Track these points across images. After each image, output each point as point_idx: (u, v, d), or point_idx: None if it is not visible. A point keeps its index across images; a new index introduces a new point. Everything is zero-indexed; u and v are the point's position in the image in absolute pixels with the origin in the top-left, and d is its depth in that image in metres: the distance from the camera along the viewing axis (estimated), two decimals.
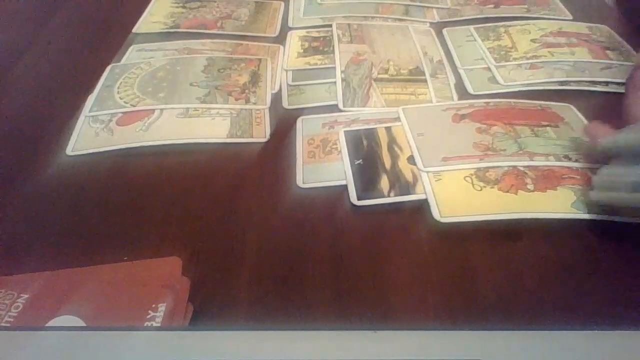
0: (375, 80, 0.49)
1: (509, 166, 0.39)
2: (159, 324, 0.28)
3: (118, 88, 0.48)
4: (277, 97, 0.48)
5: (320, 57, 0.53)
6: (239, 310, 0.30)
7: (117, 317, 0.29)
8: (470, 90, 0.49)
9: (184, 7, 0.63)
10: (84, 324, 0.28)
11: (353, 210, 0.37)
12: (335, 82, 0.49)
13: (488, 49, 0.54)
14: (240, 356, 0.25)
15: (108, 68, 0.51)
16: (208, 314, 0.30)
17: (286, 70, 0.51)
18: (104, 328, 0.28)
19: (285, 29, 0.59)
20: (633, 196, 0.32)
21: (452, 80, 0.50)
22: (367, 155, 0.41)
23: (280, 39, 0.57)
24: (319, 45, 0.55)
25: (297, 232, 0.35)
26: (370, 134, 0.43)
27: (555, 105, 0.46)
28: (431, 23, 0.60)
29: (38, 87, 0.50)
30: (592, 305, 0.31)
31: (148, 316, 0.29)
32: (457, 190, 0.37)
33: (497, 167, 0.39)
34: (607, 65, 0.51)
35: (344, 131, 0.43)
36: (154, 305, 0.29)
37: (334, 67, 0.51)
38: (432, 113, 0.45)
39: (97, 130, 0.44)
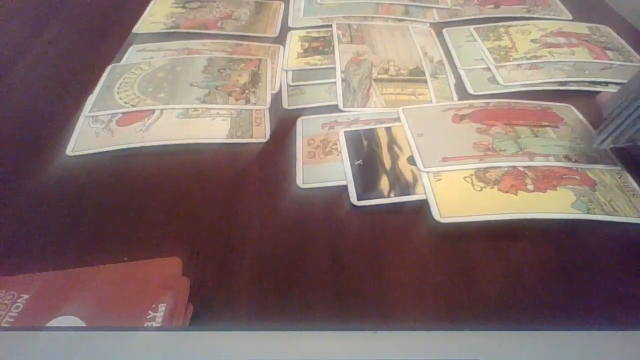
0: (375, 80, 0.49)
1: (509, 166, 0.39)
2: (159, 324, 0.28)
3: (118, 88, 0.48)
4: (277, 98, 0.48)
5: (320, 57, 0.53)
6: (239, 310, 0.30)
7: (117, 317, 0.29)
8: (470, 90, 0.49)
9: (184, 7, 0.63)
10: (84, 324, 0.28)
11: (353, 210, 0.37)
12: (335, 83, 0.49)
13: (488, 49, 0.54)
14: (240, 356, 0.25)
15: (108, 68, 0.51)
16: (208, 314, 0.30)
17: (286, 71, 0.51)
18: (104, 328, 0.28)
19: (285, 29, 0.59)
20: None
21: (452, 80, 0.50)
22: (367, 155, 0.41)
23: (280, 39, 0.57)
24: (319, 45, 0.55)
25: (297, 232, 0.35)
26: (370, 134, 0.43)
27: (555, 106, 0.46)
28: (431, 23, 0.60)
29: (38, 87, 0.50)
30: (592, 305, 0.31)
31: (148, 316, 0.29)
32: (457, 190, 0.37)
33: (497, 167, 0.39)
34: (607, 65, 0.51)
35: (344, 131, 0.43)
36: (154, 305, 0.29)
37: (334, 68, 0.51)
38: (432, 113, 0.45)
39: (97, 130, 0.44)
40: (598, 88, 0.49)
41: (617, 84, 0.49)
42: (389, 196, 0.37)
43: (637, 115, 0.36)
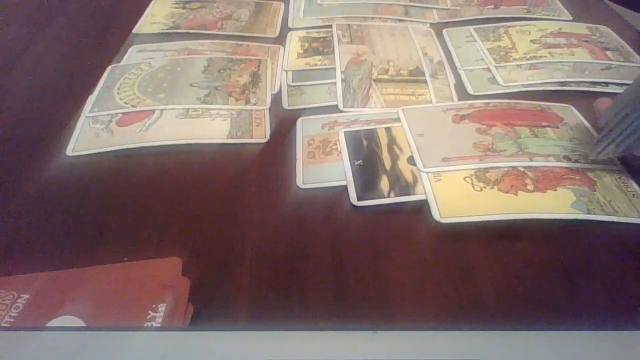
0: (375, 80, 0.49)
1: (509, 167, 0.39)
2: (159, 324, 0.28)
3: (118, 89, 0.48)
4: (277, 98, 0.48)
5: (320, 57, 0.53)
6: (239, 310, 0.30)
7: (117, 317, 0.29)
8: (470, 90, 0.49)
9: (184, 7, 0.63)
10: (84, 324, 0.28)
11: (353, 210, 0.37)
12: (335, 83, 0.49)
13: (488, 49, 0.54)
14: (240, 356, 0.25)
15: (108, 69, 0.51)
16: (208, 314, 0.30)
17: (286, 71, 0.51)
18: (104, 328, 0.28)
19: (285, 29, 0.59)
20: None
21: (452, 80, 0.50)
22: (367, 155, 0.41)
23: (280, 39, 0.57)
24: (319, 45, 0.55)
25: (297, 232, 0.35)
26: (370, 135, 0.43)
27: (555, 106, 0.46)
28: (431, 24, 0.60)
29: (38, 88, 0.50)
30: (592, 305, 0.31)
31: (148, 316, 0.29)
32: (457, 190, 0.37)
33: (497, 167, 0.39)
34: (607, 65, 0.51)
35: (344, 132, 0.43)
36: (154, 305, 0.29)
37: (334, 68, 0.51)
38: (432, 114, 0.45)
39: (98, 130, 0.44)
40: (598, 88, 0.49)
41: (617, 84, 0.49)
42: (389, 196, 0.37)
43: (634, 126, 0.36)
